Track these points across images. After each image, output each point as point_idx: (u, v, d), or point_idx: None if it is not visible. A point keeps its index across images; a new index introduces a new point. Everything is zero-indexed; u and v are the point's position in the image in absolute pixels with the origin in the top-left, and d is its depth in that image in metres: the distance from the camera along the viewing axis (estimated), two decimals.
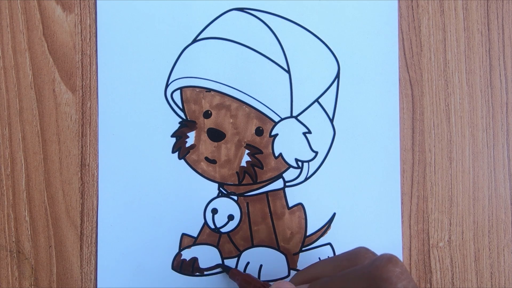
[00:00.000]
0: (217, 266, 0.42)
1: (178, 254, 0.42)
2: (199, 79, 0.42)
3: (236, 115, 0.42)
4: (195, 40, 0.42)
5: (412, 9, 0.44)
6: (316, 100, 0.43)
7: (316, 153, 0.43)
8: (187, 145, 0.42)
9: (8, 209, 0.41)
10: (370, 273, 0.28)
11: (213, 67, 0.42)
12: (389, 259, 0.28)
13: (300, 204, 0.43)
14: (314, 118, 0.43)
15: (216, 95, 0.42)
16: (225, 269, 0.42)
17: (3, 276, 0.41)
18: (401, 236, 0.43)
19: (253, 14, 0.43)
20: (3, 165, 0.41)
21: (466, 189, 0.44)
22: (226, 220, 0.42)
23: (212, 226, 0.42)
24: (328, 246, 0.43)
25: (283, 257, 0.42)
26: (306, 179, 0.43)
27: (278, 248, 0.42)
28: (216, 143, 0.42)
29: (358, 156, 0.43)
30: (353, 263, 0.32)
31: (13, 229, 0.41)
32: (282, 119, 0.42)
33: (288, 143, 0.42)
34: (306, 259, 0.43)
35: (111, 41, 0.42)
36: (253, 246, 0.42)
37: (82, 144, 0.42)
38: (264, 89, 0.42)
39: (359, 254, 0.32)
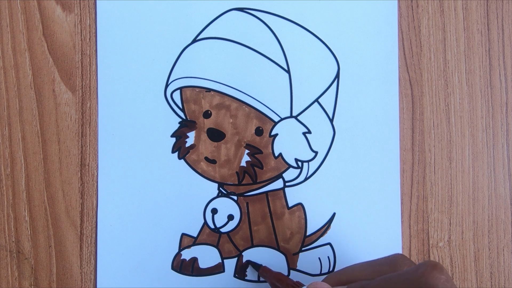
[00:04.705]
0: (247, 262, 0.42)
1: (178, 254, 0.42)
2: (199, 79, 0.42)
3: (236, 115, 0.42)
4: (195, 40, 0.42)
5: (412, 9, 0.44)
6: (316, 100, 0.43)
7: (316, 153, 0.43)
8: (187, 145, 0.42)
9: (8, 209, 0.41)
10: (416, 279, 0.28)
11: (213, 67, 0.42)
12: (434, 266, 0.28)
13: (300, 204, 0.43)
14: (314, 118, 0.43)
15: (216, 95, 0.42)
16: (255, 266, 0.41)
17: (3, 276, 0.41)
18: (400, 236, 0.43)
19: (253, 14, 0.43)
20: (3, 165, 0.41)
21: (466, 189, 0.44)
22: (226, 220, 0.42)
23: (212, 226, 0.42)
24: (328, 246, 0.43)
25: (283, 257, 0.42)
26: (306, 179, 0.43)
27: (278, 248, 0.42)
28: (216, 143, 0.42)
29: (358, 156, 0.43)
30: (393, 269, 0.32)
31: (13, 229, 0.41)
32: (282, 119, 0.42)
33: (288, 143, 0.42)
34: (306, 259, 0.42)
35: (111, 41, 0.42)
36: (253, 246, 0.42)
37: (82, 144, 0.42)
38: (264, 89, 0.42)
39: (399, 260, 0.33)
